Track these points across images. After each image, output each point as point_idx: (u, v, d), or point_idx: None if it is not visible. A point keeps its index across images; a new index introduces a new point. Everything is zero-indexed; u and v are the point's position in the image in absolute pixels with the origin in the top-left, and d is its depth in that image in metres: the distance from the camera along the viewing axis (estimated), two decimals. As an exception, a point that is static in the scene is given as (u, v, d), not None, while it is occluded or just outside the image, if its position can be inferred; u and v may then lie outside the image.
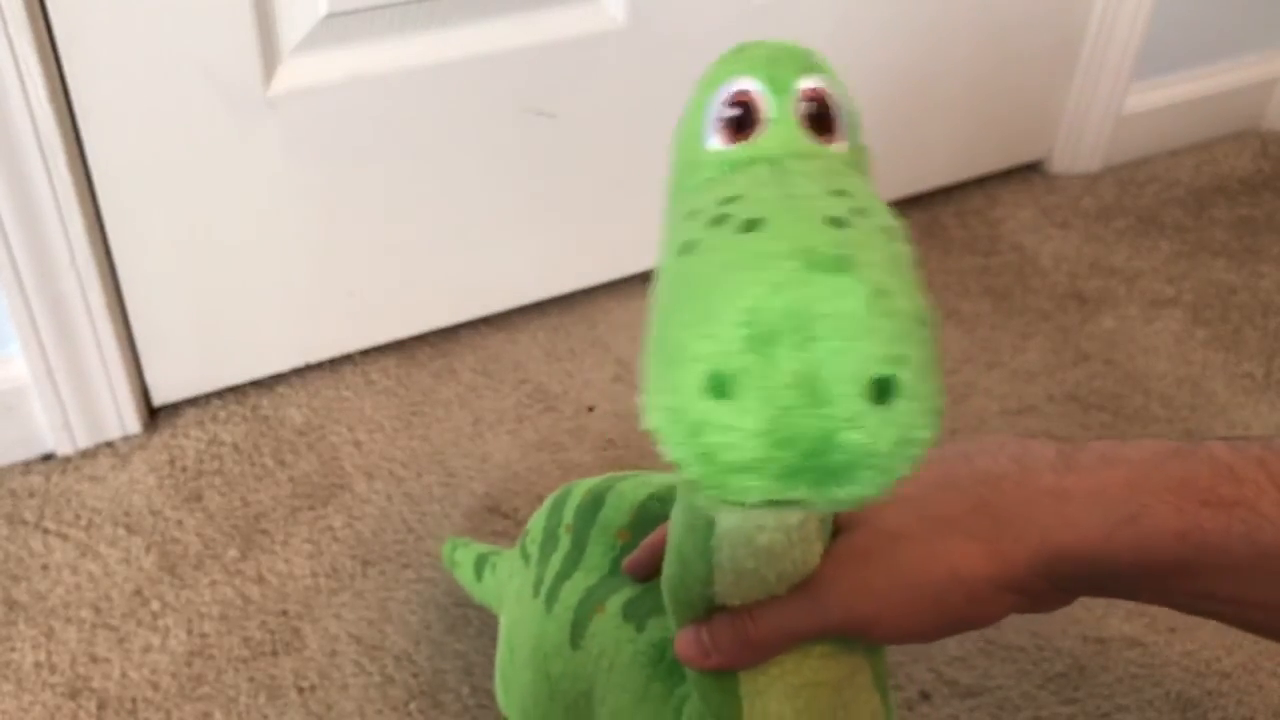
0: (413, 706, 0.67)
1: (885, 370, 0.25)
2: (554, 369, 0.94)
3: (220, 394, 0.90)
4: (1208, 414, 0.92)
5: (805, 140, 0.30)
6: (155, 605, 0.73)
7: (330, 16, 0.79)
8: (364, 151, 0.85)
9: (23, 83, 0.70)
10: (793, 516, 0.34)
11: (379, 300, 0.92)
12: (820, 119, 0.30)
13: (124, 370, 0.83)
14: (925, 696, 0.68)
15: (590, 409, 0.90)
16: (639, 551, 0.46)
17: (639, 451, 0.86)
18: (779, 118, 0.29)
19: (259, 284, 0.86)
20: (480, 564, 0.65)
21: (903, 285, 0.25)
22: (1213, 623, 0.72)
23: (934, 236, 1.14)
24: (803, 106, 0.30)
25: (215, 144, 0.79)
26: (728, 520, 0.35)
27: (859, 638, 0.37)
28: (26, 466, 0.83)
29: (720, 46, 1.08)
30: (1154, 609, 0.74)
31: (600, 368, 0.94)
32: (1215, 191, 1.24)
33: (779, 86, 0.30)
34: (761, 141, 0.29)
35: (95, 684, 0.68)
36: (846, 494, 0.26)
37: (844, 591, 0.36)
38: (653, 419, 0.27)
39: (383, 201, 0.88)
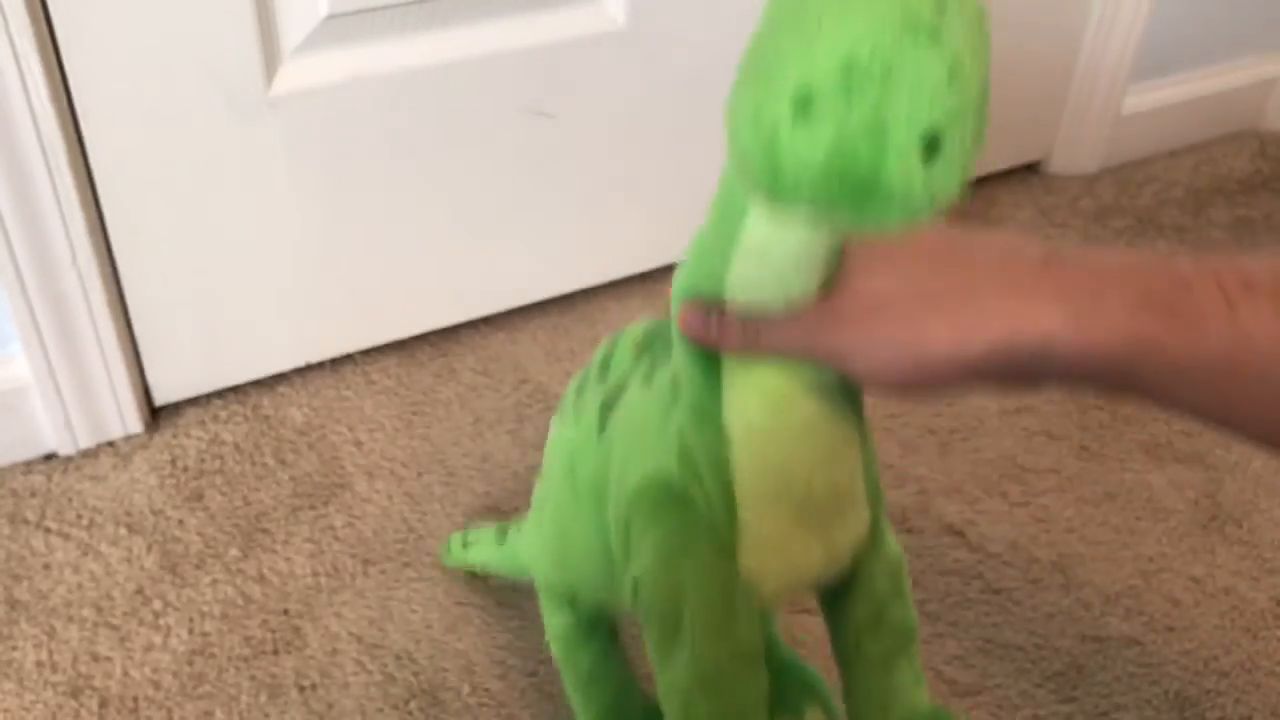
0: (413, 705, 0.67)
1: (939, 132, 0.29)
2: (554, 369, 0.94)
3: (221, 394, 0.90)
4: (1205, 414, 0.92)
5: None
6: (157, 604, 0.73)
7: (331, 17, 0.79)
8: (365, 152, 0.85)
9: (24, 83, 0.70)
10: (804, 243, 0.39)
11: (379, 300, 0.92)
12: None
13: (125, 370, 0.83)
14: (924, 695, 0.68)
15: (590, 409, 0.90)
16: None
17: (639, 451, 0.86)
18: None
19: (260, 284, 0.86)
20: (502, 531, 0.67)
21: (975, 65, 0.30)
22: (1211, 621, 0.73)
23: (933, 237, 1.14)
24: None
25: (217, 144, 0.79)
26: (752, 234, 0.39)
27: (838, 367, 0.42)
28: (28, 466, 0.83)
29: (719, 47, 1.08)
30: (1152, 608, 0.74)
31: (600, 367, 0.95)
32: (1213, 192, 1.24)
33: None
34: None
35: (97, 683, 0.68)
36: (876, 224, 0.32)
37: (831, 330, 0.41)
38: (735, 119, 0.31)
39: (383, 201, 0.88)
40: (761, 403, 0.43)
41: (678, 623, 0.44)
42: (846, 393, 0.44)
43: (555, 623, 0.61)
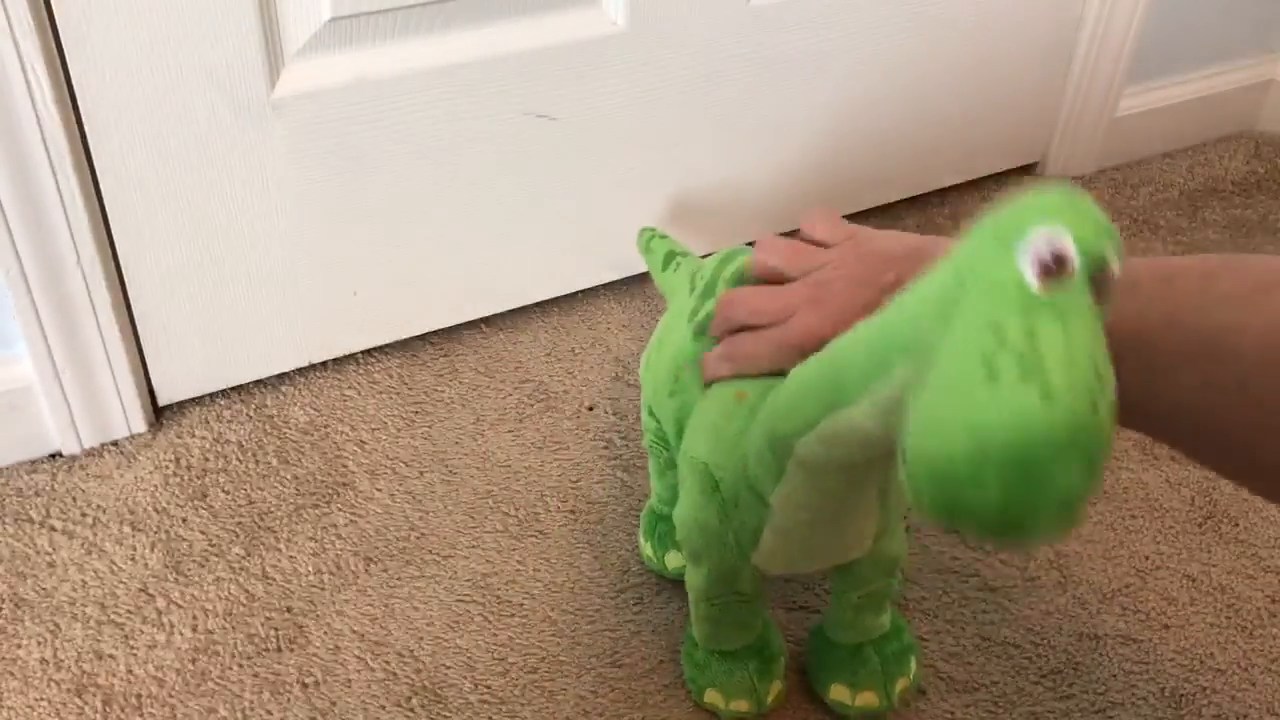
0: (415, 702, 0.68)
1: (1076, 510, 0.35)
2: (555, 368, 0.95)
3: (225, 393, 0.90)
4: (1201, 414, 0.92)
5: (1090, 303, 0.36)
6: (161, 602, 0.74)
7: (334, 20, 0.80)
8: (367, 153, 0.86)
9: (29, 85, 0.71)
10: (879, 436, 0.46)
11: (382, 300, 0.93)
12: (1100, 285, 0.36)
13: (130, 369, 0.83)
14: (921, 692, 0.69)
15: (590, 408, 0.91)
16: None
17: (639, 450, 0.86)
18: (1080, 281, 0.35)
19: (263, 284, 0.87)
20: (669, 259, 0.78)
21: (1105, 460, 0.35)
22: (1206, 618, 0.73)
23: (930, 238, 1.15)
24: (1097, 274, 0.36)
25: (220, 146, 0.80)
26: (841, 417, 0.47)
27: None
28: (33, 465, 0.84)
29: (719, 49, 1.08)
30: (1148, 606, 0.75)
31: (601, 367, 0.95)
32: (1209, 193, 1.25)
33: (1089, 249, 0.35)
34: (1059, 296, 0.35)
35: (101, 680, 0.69)
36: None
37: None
38: (912, 464, 0.36)
39: (385, 203, 0.88)
40: (809, 496, 0.53)
41: (697, 560, 0.63)
42: (880, 465, 0.52)
43: None
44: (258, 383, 0.92)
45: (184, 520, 0.79)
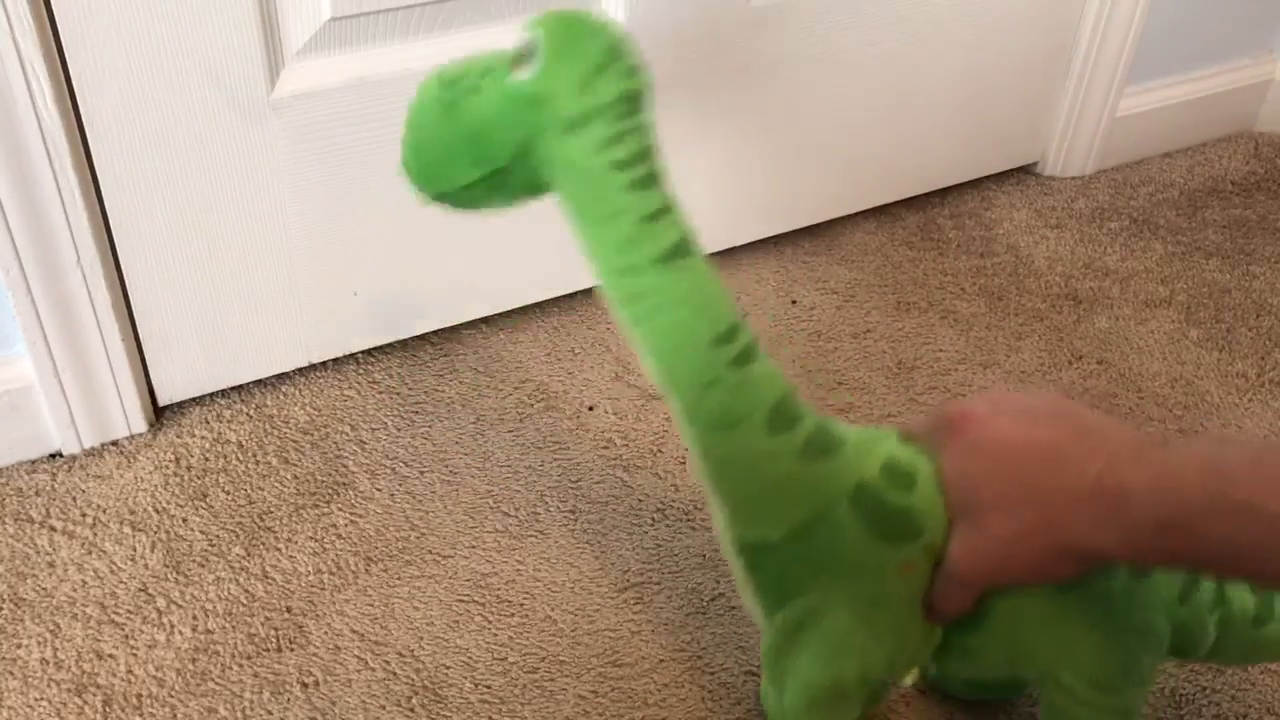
0: (415, 702, 0.68)
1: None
2: (555, 368, 0.95)
3: (225, 393, 0.90)
4: (1201, 414, 0.93)
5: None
6: (161, 602, 0.74)
7: (333, 20, 0.80)
8: (367, 153, 0.86)
9: (30, 86, 0.71)
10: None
11: (382, 300, 0.93)
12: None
13: (130, 369, 0.83)
14: (921, 692, 0.69)
15: (590, 408, 0.91)
16: None
17: (638, 450, 0.86)
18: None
19: (263, 284, 0.87)
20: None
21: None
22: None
23: (930, 238, 1.15)
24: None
25: (220, 146, 0.80)
26: None
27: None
28: (33, 465, 0.84)
29: (719, 49, 1.07)
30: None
31: (600, 367, 0.95)
32: (1208, 193, 1.25)
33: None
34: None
35: (101, 680, 0.69)
36: None
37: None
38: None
39: (385, 202, 0.88)
40: None
41: None
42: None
43: None
44: (258, 382, 0.92)
45: (184, 520, 0.79)
